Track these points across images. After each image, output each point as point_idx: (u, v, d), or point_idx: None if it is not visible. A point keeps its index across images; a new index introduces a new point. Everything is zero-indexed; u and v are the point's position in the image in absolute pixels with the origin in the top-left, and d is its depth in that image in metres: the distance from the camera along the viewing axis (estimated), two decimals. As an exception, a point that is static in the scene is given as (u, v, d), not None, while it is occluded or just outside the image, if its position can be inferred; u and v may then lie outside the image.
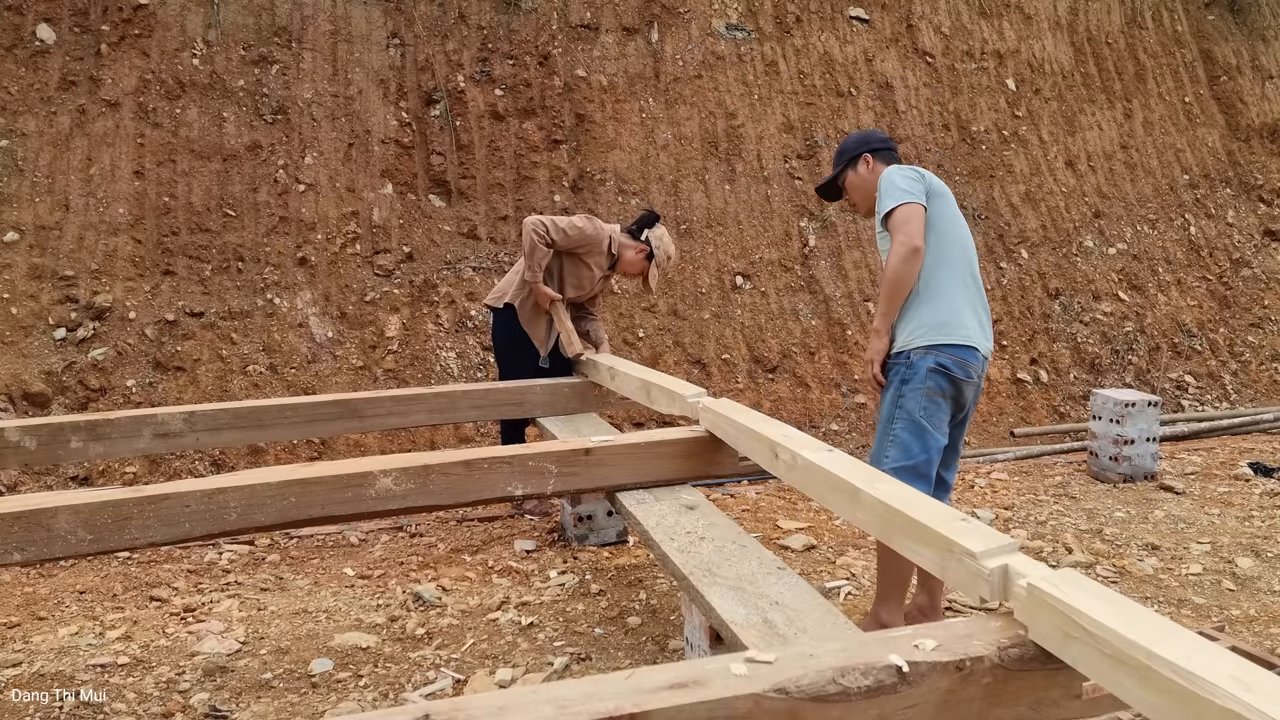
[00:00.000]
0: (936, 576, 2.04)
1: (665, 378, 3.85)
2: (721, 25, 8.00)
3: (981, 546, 1.81)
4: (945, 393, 3.01)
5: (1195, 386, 8.02)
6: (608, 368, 4.23)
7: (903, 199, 2.99)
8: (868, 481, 2.23)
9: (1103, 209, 8.67)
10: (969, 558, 1.81)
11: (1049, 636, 1.64)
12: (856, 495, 2.22)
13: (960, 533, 1.88)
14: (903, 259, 2.95)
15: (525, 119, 7.29)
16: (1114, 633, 1.48)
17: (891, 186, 3.03)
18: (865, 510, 2.19)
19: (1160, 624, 1.50)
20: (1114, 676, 1.49)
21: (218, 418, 3.86)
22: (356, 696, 3.03)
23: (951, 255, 3.08)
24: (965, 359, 3.01)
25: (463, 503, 3.07)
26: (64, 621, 3.66)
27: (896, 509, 2.06)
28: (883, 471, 2.72)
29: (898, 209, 2.99)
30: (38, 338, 5.70)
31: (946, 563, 1.89)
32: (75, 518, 2.57)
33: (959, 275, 3.08)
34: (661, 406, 3.64)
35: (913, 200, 2.98)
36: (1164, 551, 4.26)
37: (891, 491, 2.16)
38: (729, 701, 1.51)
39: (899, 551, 2.09)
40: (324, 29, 6.97)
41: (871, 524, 2.19)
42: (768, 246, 7.51)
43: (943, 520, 1.95)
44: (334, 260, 6.53)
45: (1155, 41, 9.45)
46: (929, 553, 1.95)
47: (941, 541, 1.90)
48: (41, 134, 6.15)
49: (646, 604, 3.73)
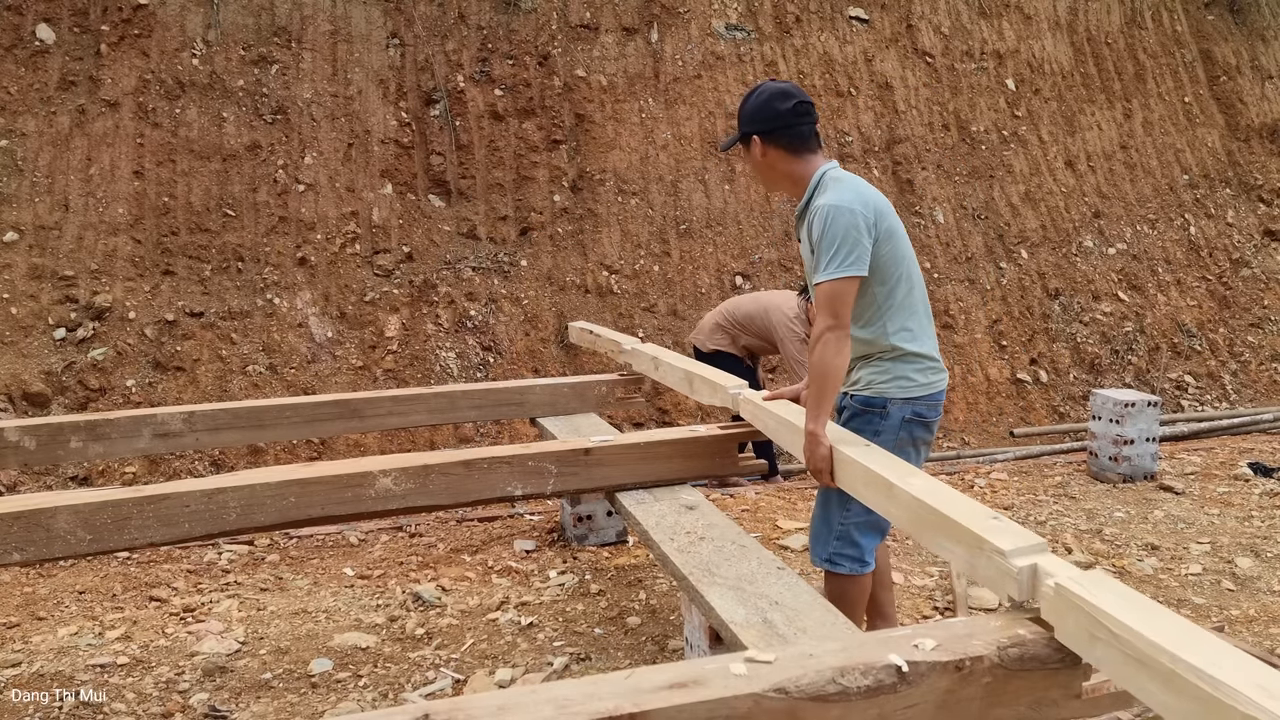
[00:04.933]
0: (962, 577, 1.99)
1: (708, 369, 3.80)
2: (721, 25, 8.00)
3: (1011, 545, 1.80)
4: (919, 440, 2.72)
5: (1195, 386, 8.02)
6: (651, 358, 4.20)
7: (843, 271, 2.46)
8: (902, 477, 2.23)
9: (1102, 209, 8.67)
10: (998, 556, 1.81)
11: (1075, 637, 1.63)
12: (891, 490, 2.21)
13: (991, 531, 1.88)
14: (836, 350, 2.46)
15: (525, 119, 7.29)
16: (1139, 635, 1.47)
17: (843, 239, 2.46)
18: (899, 505, 2.19)
19: (1186, 628, 1.49)
20: (1137, 679, 1.48)
21: (217, 418, 3.86)
22: (356, 696, 3.03)
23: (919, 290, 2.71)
24: (939, 398, 2.74)
25: (462, 503, 3.06)
26: (64, 621, 3.65)
27: (930, 505, 2.05)
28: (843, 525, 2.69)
29: (834, 284, 2.46)
30: (37, 338, 5.69)
31: (976, 560, 1.89)
32: (75, 518, 2.56)
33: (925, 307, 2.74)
34: (704, 397, 3.61)
35: (855, 274, 2.47)
36: (1164, 551, 4.26)
37: (925, 487, 2.15)
38: (729, 701, 1.51)
39: (929, 547, 2.07)
40: (324, 29, 6.97)
41: (904, 519, 2.19)
42: (767, 246, 7.51)
43: (974, 518, 1.95)
44: (334, 260, 6.53)
45: (1155, 41, 9.45)
46: (959, 549, 1.95)
47: (972, 539, 1.89)
48: (41, 134, 6.15)
49: (646, 604, 3.73)
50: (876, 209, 2.54)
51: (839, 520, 2.71)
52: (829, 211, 2.48)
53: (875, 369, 2.67)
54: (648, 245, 7.22)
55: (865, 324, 2.64)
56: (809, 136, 2.65)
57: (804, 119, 2.63)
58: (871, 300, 2.62)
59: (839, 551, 2.73)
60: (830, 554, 2.74)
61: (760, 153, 2.66)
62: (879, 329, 2.64)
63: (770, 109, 2.62)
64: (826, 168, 2.65)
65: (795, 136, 2.63)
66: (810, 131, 2.65)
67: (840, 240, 2.46)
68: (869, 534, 2.73)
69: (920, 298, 2.71)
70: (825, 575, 2.80)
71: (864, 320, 2.64)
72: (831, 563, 2.74)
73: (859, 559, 2.73)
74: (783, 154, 2.65)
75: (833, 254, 2.46)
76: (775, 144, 2.64)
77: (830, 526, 2.74)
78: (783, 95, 2.63)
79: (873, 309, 2.63)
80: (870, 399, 2.67)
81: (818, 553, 2.79)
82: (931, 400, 2.69)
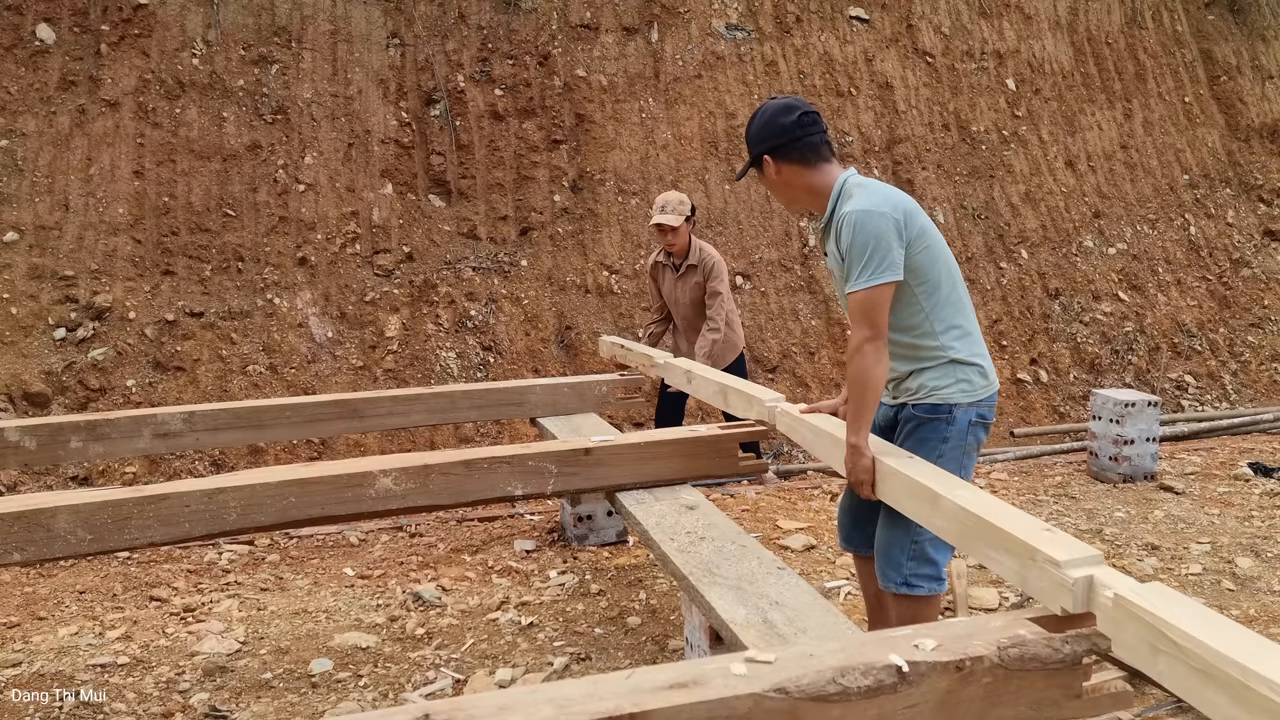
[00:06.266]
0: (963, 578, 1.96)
1: (743, 382, 3.75)
2: (721, 25, 8.00)
3: (1066, 556, 1.77)
4: (980, 444, 2.64)
5: (1195, 386, 8.02)
6: (684, 371, 4.18)
7: (877, 278, 2.38)
8: (948, 488, 2.17)
9: (1102, 209, 8.67)
10: (1052, 567, 1.77)
11: (1135, 649, 1.60)
12: (936, 501, 2.16)
13: (1044, 542, 1.84)
14: (876, 360, 2.40)
15: (525, 119, 7.29)
16: (1206, 647, 1.44)
17: (874, 245, 2.39)
18: (944, 517, 2.13)
19: (1254, 639, 1.46)
20: (1203, 692, 1.45)
21: (218, 418, 3.86)
22: (356, 696, 3.03)
23: (961, 285, 2.63)
24: (995, 399, 2.67)
25: (462, 503, 3.06)
26: (64, 621, 3.66)
27: (977, 515, 2.01)
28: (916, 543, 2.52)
29: (869, 292, 2.39)
30: (38, 338, 5.70)
31: (1028, 571, 1.84)
32: (75, 518, 2.56)
33: (969, 303, 2.66)
34: (738, 410, 3.57)
35: (889, 280, 2.40)
36: (1164, 552, 4.26)
37: (971, 498, 2.10)
38: (729, 701, 1.51)
39: (978, 559, 2.00)
40: (324, 29, 6.97)
41: (950, 531, 2.13)
42: (767, 246, 7.51)
43: (1025, 528, 1.91)
44: (334, 260, 6.53)
45: (1155, 41, 9.45)
46: (1009, 561, 1.90)
47: (1024, 549, 1.85)
48: (41, 134, 6.15)
49: (646, 604, 3.73)
50: (905, 211, 2.47)
51: (912, 538, 2.53)
52: (857, 218, 2.40)
53: (935, 374, 2.56)
54: (648, 245, 7.22)
55: (913, 329, 2.54)
56: (820, 146, 2.57)
57: (811, 129, 2.55)
58: (915, 303, 2.52)
59: (916, 572, 2.55)
60: (907, 576, 2.55)
61: (775, 172, 2.58)
62: (928, 331, 2.54)
63: (775, 125, 2.54)
64: (846, 175, 2.57)
65: (806, 148, 2.55)
66: (821, 141, 2.58)
67: (872, 247, 2.38)
68: (943, 549, 2.55)
69: (964, 294, 2.63)
70: (896, 600, 2.59)
71: (911, 325, 2.54)
72: (909, 585, 2.55)
73: (936, 577, 2.57)
74: (797, 169, 2.57)
75: (865, 261, 2.39)
76: (788, 160, 2.56)
77: (904, 546, 2.55)
78: (786, 109, 2.56)
79: (919, 313, 2.53)
80: (936, 406, 2.56)
81: (891, 578, 2.57)
82: (990, 401, 2.61)
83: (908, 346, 2.56)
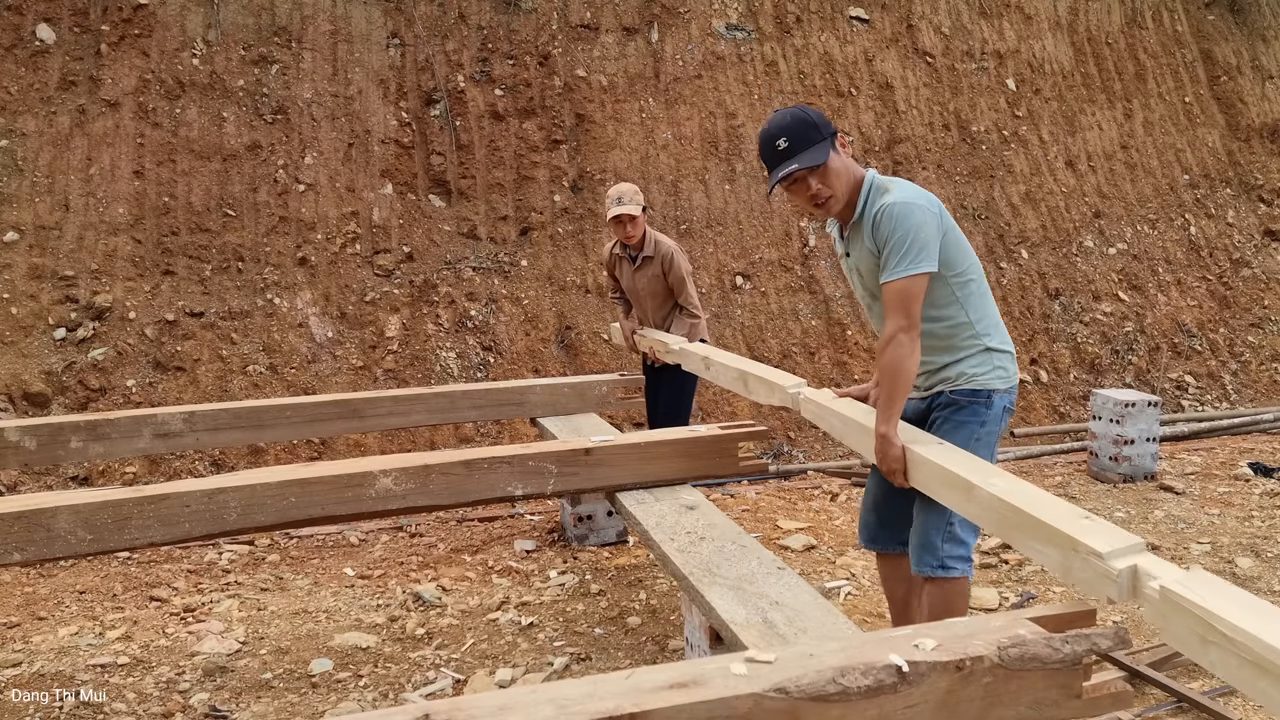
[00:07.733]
0: (1059, 578, 1.93)
1: (764, 368, 3.67)
2: (721, 25, 8.00)
3: (1108, 546, 1.73)
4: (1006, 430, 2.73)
5: (1195, 386, 8.02)
6: (702, 358, 4.14)
7: (915, 268, 2.42)
8: (984, 478, 2.14)
9: (1103, 209, 8.67)
10: (1095, 558, 1.74)
11: (1184, 640, 1.58)
12: (971, 491, 2.13)
13: (1085, 532, 1.80)
14: (910, 351, 2.43)
15: (525, 119, 7.29)
16: (1257, 639, 1.42)
17: (915, 236, 2.42)
18: (979, 506, 2.10)
19: None
20: (1256, 683, 1.43)
21: (218, 418, 3.86)
22: (356, 696, 3.03)
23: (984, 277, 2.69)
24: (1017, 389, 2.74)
25: (463, 503, 3.07)
26: (64, 621, 3.66)
27: (1015, 506, 1.97)
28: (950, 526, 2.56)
29: (906, 281, 2.43)
30: (38, 338, 5.70)
31: (1071, 562, 1.81)
32: (75, 518, 2.57)
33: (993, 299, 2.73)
34: (760, 397, 3.51)
35: (926, 270, 2.44)
36: (1164, 552, 4.26)
37: (1008, 487, 2.07)
38: (729, 701, 1.51)
39: (1017, 549, 1.96)
40: (324, 29, 6.97)
41: (987, 521, 2.09)
42: (768, 246, 7.51)
43: (1065, 518, 1.87)
44: (334, 260, 6.53)
45: (1155, 41, 9.45)
46: (1051, 551, 1.86)
47: (1065, 540, 1.82)
48: (41, 134, 6.16)
49: (646, 604, 3.73)
50: (939, 205, 2.56)
51: (947, 520, 2.58)
52: (900, 209, 2.44)
53: (974, 362, 2.62)
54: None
55: (946, 318, 2.60)
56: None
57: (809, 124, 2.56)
58: (949, 292, 2.58)
59: (950, 554, 2.60)
60: (943, 558, 2.60)
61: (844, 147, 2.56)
62: (964, 321, 2.60)
63: (815, 115, 2.53)
64: (871, 173, 2.60)
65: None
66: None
67: (913, 237, 2.42)
68: (971, 530, 2.62)
69: (987, 286, 2.69)
70: (929, 584, 2.64)
71: (947, 315, 2.60)
72: (945, 568, 2.60)
73: (967, 558, 2.64)
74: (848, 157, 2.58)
75: (904, 251, 2.42)
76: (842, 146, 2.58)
77: (940, 529, 2.60)
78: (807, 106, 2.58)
79: (954, 303, 2.59)
80: (976, 391, 2.62)
81: (928, 561, 2.62)
82: (1015, 390, 2.70)
83: (944, 337, 2.61)
